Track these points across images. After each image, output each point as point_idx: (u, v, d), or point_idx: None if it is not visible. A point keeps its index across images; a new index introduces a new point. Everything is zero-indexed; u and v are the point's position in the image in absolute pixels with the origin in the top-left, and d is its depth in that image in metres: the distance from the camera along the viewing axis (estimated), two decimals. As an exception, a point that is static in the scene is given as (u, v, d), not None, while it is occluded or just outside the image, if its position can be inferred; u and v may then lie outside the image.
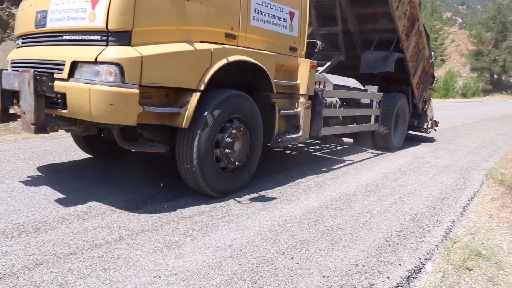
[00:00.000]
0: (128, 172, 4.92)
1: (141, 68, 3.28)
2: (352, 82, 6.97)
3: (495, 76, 51.97)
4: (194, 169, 3.82)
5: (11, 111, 4.05)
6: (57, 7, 3.63)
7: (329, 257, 3.03)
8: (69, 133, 5.05)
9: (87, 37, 3.43)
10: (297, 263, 2.90)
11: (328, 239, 3.37)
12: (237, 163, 4.24)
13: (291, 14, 4.85)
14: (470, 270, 3.04)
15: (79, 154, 5.59)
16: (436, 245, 3.42)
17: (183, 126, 3.65)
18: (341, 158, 6.68)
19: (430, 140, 9.36)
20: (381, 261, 3.03)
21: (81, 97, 3.27)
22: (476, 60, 49.95)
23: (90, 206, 3.71)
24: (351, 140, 7.35)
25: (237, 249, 3.05)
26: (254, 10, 4.31)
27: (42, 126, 3.33)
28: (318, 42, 6.18)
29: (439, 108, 18.84)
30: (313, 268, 2.85)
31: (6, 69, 3.98)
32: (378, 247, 3.28)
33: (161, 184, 4.43)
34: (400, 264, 3.01)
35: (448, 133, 10.65)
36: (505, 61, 48.83)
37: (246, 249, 3.06)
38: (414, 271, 2.94)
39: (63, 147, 6.02)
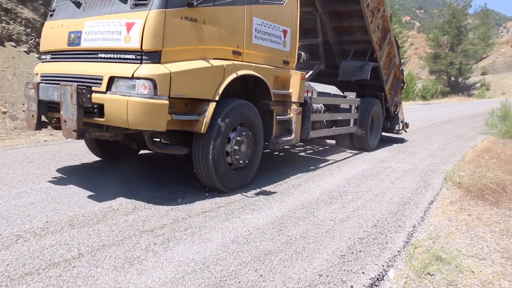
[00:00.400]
0: (87, 185, 4.77)
1: (170, 83, 3.92)
2: (332, 89, 7.74)
3: (452, 79, 54.16)
4: (209, 167, 4.50)
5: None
6: (92, 29, 4.26)
7: (292, 268, 3.03)
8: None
9: (122, 56, 4.02)
10: (261, 275, 2.89)
11: (291, 249, 3.37)
12: (243, 162, 4.92)
13: (284, 32, 5.59)
14: (432, 275, 3.12)
15: (37, 166, 5.39)
16: (398, 251, 3.49)
17: (202, 131, 4.31)
18: (315, 159, 6.76)
19: (392, 143, 9.60)
20: (344, 270, 3.06)
21: (119, 107, 3.86)
22: (434, 63, 51.91)
23: (47, 222, 3.58)
24: (334, 141, 8.07)
25: (200, 263, 3.01)
26: (255, 29, 5.03)
27: (82, 133, 3.98)
28: (302, 53, 6.62)
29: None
30: (276, 280, 2.85)
31: (42, 82, 4.55)
32: (341, 255, 3.32)
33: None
34: (363, 273, 3.05)
35: (408, 136, 10.95)
36: (461, 64, 51.01)
37: (209, 263, 3.03)
38: (377, 279, 2.99)
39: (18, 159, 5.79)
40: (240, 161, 4.87)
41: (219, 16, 4.48)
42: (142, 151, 6.28)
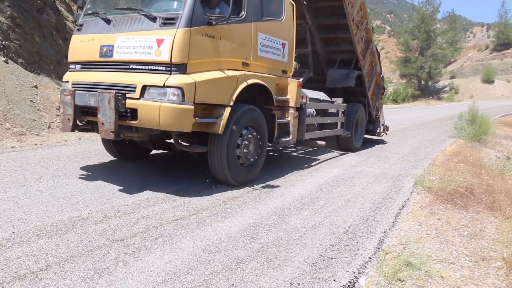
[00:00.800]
0: (57, 193, 4.65)
1: (195, 91, 4.65)
2: (321, 95, 8.46)
3: (422, 82, 55.56)
4: (223, 163, 5.20)
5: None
6: (123, 43, 4.93)
7: (264, 277, 3.04)
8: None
9: (153, 67, 4.72)
10: (232, 285, 2.89)
11: (263, 257, 3.38)
12: (251, 159, 5.69)
13: (283, 45, 6.36)
14: (402, 281, 3.17)
15: (3, 173, 5.23)
16: (369, 258, 3.54)
17: (219, 132, 4.99)
18: (290, 164, 6.79)
19: (364, 147, 9.75)
20: (316, 278, 3.08)
21: (151, 111, 4.56)
22: (405, 67, 53.15)
23: (13, 232, 3.48)
24: (323, 142, 8.42)
25: (171, 273, 2.98)
26: (260, 43, 5.77)
27: (117, 133, 4.64)
28: (295, 62, 7.09)
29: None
30: (248, 289, 2.85)
31: (77, 89, 5.18)
32: (313, 263, 3.34)
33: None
34: (334, 280, 3.08)
35: (380, 140, 11.16)
36: (431, 68, 52.44)
37: (180, 272, 3.00)
38: (348, 286, 3.03)
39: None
40: (249, 159, 5.65)
41: (231, 32, 5.25)
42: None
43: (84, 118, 5.32)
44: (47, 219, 3.88)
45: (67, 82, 5.59)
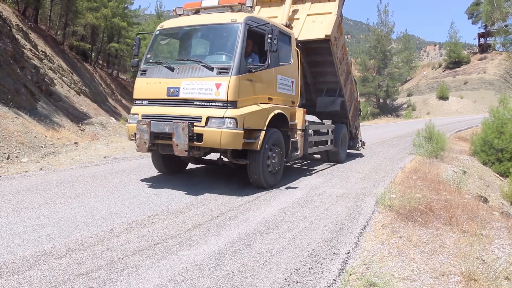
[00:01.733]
0: (17, 228, 4.50)
1: (244, 120, 6.42)
2: (314, 118, 10.38)
3: (381, 100, 57.27)
4: (259, 171, 6.98)
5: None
6: (188, 86, 6.64)
7: (229, 306, 3.04)
8: None
9: (213, 104, 6.46)
10: (197, 317, 2.87)
11: (229, 285, 3.40)
12: (276, 168, 7.51)
13: (292, 82, 8.29)
14: (366, 302, 3.25)
15: None
16: (334, 280, 3.61)
17: (257, 149, 6.78)
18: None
19: (326, 168, 9.93)
20: (281, 304, 3.11)
21: (214, 135, 6.28)
22: (363, 86, 54.63)
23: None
24: (319, 156, 10.94)
25: (134, 308, 2.94)
26: (278, 82, 7.65)
27: (188, 152, 6.29)
28: None
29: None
30: (213, 321, 2.84)
31: (152, 120, 6.70)
32: (278, 288, 3.37)
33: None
34: (300, 305, 3.11)
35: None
36: (388, 86, 54.21)
37: (145, 306, 2.97)
38: (314, 310, 3.07)
39: None
40: (276, 168, 7.47)
41: (262, 76, 7.10)
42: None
43: (155, 142, 6.77)
44: (8, 255, 3.79)
45: (136, 114, 7.23)
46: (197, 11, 7.78)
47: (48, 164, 9.44)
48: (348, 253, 4.31)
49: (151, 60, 7.52)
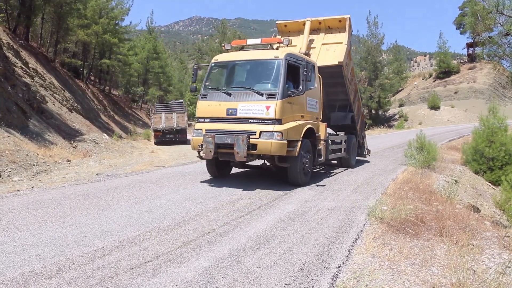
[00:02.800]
0: (7, 248, 4.47)
1: (287, 133, 8.32)
2: (330, 131, 12.10)
3: (373, 111, 57.62)
4: (296, 173, 8.92)
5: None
6: (243, 108, 8.55)
7: (219, 324, 3.03)
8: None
9: (264, 121, 8.38)
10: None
11: (219, 303, 3.37)
12: (308, 170, 9.50)
13: (316, 102, 10.26)
14: (356, 316, 3.25)
15: None
16: (324, 295, 3.61)
17: (296, 155, 8.67)
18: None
19: (317, 180, 9.95)
20: (271, 321, 3.10)
21: (266, 145, 8.20)
22: (355, 98, 54.99)
23: None
24: (336, 161, 13.03)
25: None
26: (307, 103, 9.60)
27: (247, 158, 8.21)
28: None
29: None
30: None
31: (216, 133, 8.60)
32: (269, 305, 3.36)
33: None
34: (290, 321, 3.11)
35: (334, 173, 11.43)
36: (380, 97, 54.60)
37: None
38: (304, 326, 3.06)
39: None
40: (308, 170, 9.48)
41: (297, 100, 9.08)
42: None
43: (217, 150, 8.61)
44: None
45: (200, 129, 9.10)
46: (242, 48, 10.29)
47: (40, 183, 9.40)
48: (339, 267, 4.32)
49: (209, 87, 9.53)
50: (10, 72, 14.78)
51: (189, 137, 28.66)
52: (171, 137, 25.28)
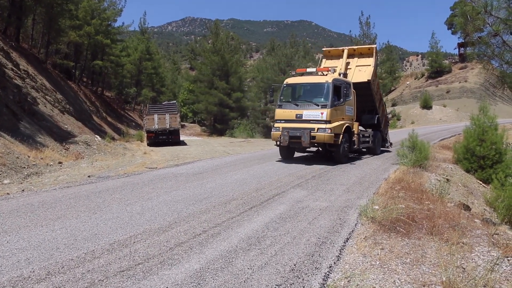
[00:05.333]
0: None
1: (334, 129, 13.10)
2: (361, 128, 16.33)
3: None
4: (340, 155, 13.61)
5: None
6: (307, 113, 13.35)
7: (209, 326, 3.02)
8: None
9: (320, 122, 13.05)
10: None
11: (209, 305, 3.36)
12: (347, 154, 14.21)
13: (352, 108, 14.67)
14: (346, 316, 3.25)
15: None
16: (315, 295, 3.61)
17: (339, 144, 13.33)
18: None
19: (310, 180, 9.96)
20: (262, 322, 3.10)
21: (322, 136, 12.95)
22: (348, 98, 55.14)
23: None
24: (365, 150, 17.42)
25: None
26: (346, 110, 14.10)
27: (310, 145, 13.60)
28: None
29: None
30: None
31: (288, 129, 13.43)
32: (259, 306, 3.36)
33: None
34: (280, 322, 3.11)
35: (327, 172, 11.45)
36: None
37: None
38: (294, 327, 3.06)
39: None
40: (346, 154, 14.00)
41: (340, 108, 13.58)
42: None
43: (290, 140, 13.29)
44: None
45: (278, 127, 13.68)
46: (302, 74, 15.40)
47: (31, 185, 9.33)
48: (330, 267, 4.33)
49: (283, 100, 14.27)
50: (0, 74, 14.64)
51: (182, 138, 28.70)
52: (164, 138, 25.21)
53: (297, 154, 15.93)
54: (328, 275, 4.10)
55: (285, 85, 14.44)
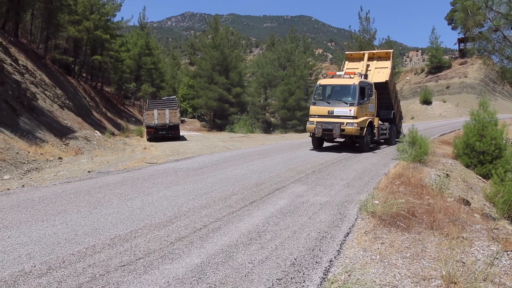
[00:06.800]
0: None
1: (359, 123, 15.51)
2: (380, 122, 18.23)
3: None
4: (365, 144, 16.11)
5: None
6: (337, 110, 15.59)
7: (211, 319, 3.03)
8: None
9: (349, 117, 15.41)
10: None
11: (210, 299, 3.38)
12: (370, 144, 16.75)
13: (373, 106, 16.97)
14: (346, 309, 3.27)
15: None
16: (315, 289, 3.62)
17: (363, 135, 15.84)
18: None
19: (310, 175, 9.97)
20: (263, 315, 3.11)
21: (350, 129, 15.38)
22: (348, 93, 55.06)
23: None
24: (383, 141, 19.11)
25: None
26: (369, 107, 16.43)
27: (340, 136, 15.84)
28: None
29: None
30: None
31: (321, 123, 15.86)
32: (260, 300, 3.37)
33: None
34: (281, 315, 3.12)
35: (327, 167, 11.46)
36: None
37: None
38: (295, 320, 3.08)
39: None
40: (369, 143, 16.50)
41: (364, 106, 15.86)
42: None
43: (323, 132, 15.72)
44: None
45: (313, 121, 15.95)
46: (333, 76, 17.44)
47: (31, 181, 9.34)
48: (330, 261, 4.34)
49: (317, 98, 16.41)
50: None
51: (181, 133, 28.69)
52: (163, 134, 25.20)
53: (300, 150, 16.80)
54: (328, 269, 4.11)
55: (318, 86, 16.71)
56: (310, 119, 16.28)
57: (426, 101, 59.29)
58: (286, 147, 18.71)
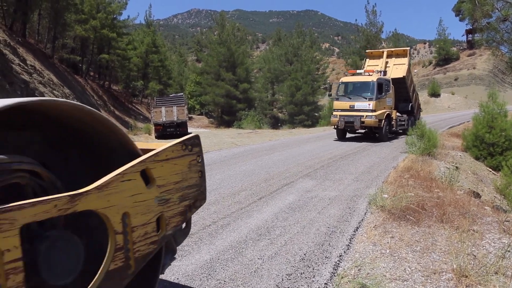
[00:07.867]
0: None
1: (378, 116, 17.31)
2: (398, 114, 19.69)
3: (374, 100, 57.45)
4: (383, 135, 17.67)
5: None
6: (358, 104, 17.34)
7: (221, 315, 3.04)
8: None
9: (368, 111, 17.05)
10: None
11: (220, 294, 3.38)
12: (388, 134, 18.34)
13: (391, 100, 18.53)
14: (357, 304, 3.25)
15: None
16: (326, 284, 3.62)
17: (382, 127, 17.43)
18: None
19: (318, 170, 9.94)
20: (273, 311, 3.11)
21: (370, 121, 17.02)
22: (355, 87, 54.84)
23: None
24: (401, 131, 20.17)
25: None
26: (387, 100, 18.06)
27: (360, 128, 17.52)
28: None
29: (324, 137, 20.17)
30: (204, 331, 2.84)
31: (343, 116, 17.71)
32: (270, 295, 3.37)
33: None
34: (291, 311, 3.12)
35: (335, 162, 11.42)
36: (380, 86, 54.36)
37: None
38: (305, 315, 3.07)
39: None
40: (387, 134, 18.12)
41: (382, 100, 17.54)
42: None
43: (345, 124, 17.44)
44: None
45: (336, 115, 17.84)
46: (353, 74, 19.44)
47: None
48: (340, 256, 4.33)
49: (340, 94, 18.22)
50: (8, 69, 14.72)
51: (189, 130, 28.74)
52: (171, 131, 25.26)
53: (307, 145, 16.76)
54: (338, 264, 4.10)
55: (341, 83, 18.64)
56: (334, 113, 18.18)
57: (434, 94, 58.89)
58: (294, 142, 18.66)
